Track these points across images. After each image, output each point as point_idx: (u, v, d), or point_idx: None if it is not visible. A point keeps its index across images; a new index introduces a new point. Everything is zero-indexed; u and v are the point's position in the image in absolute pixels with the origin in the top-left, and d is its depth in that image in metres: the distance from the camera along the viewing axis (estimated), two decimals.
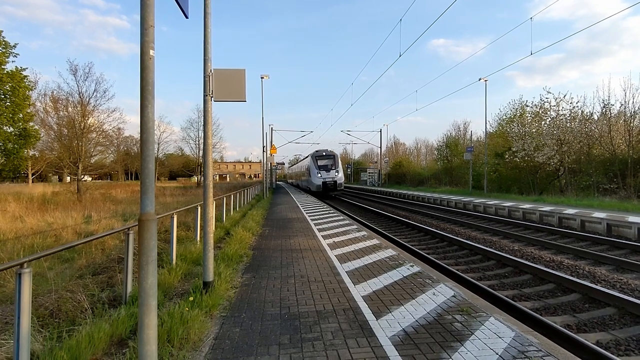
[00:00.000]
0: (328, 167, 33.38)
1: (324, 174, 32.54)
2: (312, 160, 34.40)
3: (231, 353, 3.71)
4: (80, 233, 11.28)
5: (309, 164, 35.26)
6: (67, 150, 26.19)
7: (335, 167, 33.41)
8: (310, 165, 34.40)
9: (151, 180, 3.08)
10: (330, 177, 32.53)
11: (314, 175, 33.02)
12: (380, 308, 4.84)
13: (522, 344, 3.76)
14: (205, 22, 5.56)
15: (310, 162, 34.67)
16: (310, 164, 34.46)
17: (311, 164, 34.29)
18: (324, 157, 34.60)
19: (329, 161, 34.08)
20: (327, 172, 32.82)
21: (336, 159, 34.30)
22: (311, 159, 34.89)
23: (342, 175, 33.62)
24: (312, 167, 33.89)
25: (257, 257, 8.09)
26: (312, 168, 33.87)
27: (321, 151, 35.84)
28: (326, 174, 32.69)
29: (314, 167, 33.54)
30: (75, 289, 5.41)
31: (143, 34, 3.02)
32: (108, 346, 3.88)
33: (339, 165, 34.06)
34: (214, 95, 5.60)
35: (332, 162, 33.87)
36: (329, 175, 32.69)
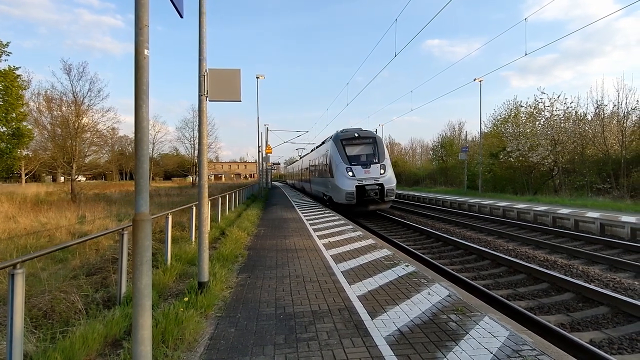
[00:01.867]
0: (366, 159, 18.29)
1: (358, 170, 17.60)
2: (334, 147, 18.92)
3: (226, 353, 3.70)
4: (74, 233, 11.21)
5: (329, 153, 19.79)
6: (61, 150, 25.97)
7: (379, 159, 18.12)
8: (332, 156, 19.04)
9: (145, 180, 3.07)
10: (370, 178, 17.42)
11: (339, 174, 17.90)
12: (376, 308, 4.85)
13: (516, 343, 3.78)
14: (200, 21, 5.54)
15: (331, 149, 19.20)
16: (331, 154, 19.11)
17: (333, 153, 18.93)
18: (358, 141, 19.03)
19: (366, 148, 18.78)
20: (364, 167, 17.79)
21: (378, 145, 18.80)
22: (333, 144, 19.16)
23: (391, 175, 18.12)
24: (334, 160, 18.57)
25: (252, 257, 8.08)
26: (334, 161, 18.54)
27: (351, 131, 19.72)
28: (363, 171, 17.65)
29: (338, 158, 18.26)
30: (69, 290, 5.37)
31: (137, 33, 3.01)
32: (102, 347, 3.86)
33: (384, 155, 18.48)
34: (209, 95, 5.59)
35: (372, 150, 18.61)
36: (369, 175, 17.54)
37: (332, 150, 19.00)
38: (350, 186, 17.00)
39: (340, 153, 18.16)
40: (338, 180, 17.61)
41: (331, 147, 19.30)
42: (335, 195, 18.14)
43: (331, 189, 18.86)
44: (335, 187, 17.96)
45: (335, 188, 17.83)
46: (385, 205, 18.00)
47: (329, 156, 19.38)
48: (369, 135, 19.27)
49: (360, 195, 17.01)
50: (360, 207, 17.44)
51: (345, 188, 16.99)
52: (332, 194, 18.65)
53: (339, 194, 17.31)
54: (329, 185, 19.49)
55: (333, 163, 18.45)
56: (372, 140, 18.96)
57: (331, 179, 18.68)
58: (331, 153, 18.99)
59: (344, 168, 17.54)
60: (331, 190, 18.89)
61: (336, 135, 19.65)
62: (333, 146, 18.97)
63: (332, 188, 18.69)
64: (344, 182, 17.24)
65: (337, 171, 17.85)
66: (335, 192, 17.92)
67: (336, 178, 17.81)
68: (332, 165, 18.51)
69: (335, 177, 17.99)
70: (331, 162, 18.79)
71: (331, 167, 18.75)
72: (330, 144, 19.87)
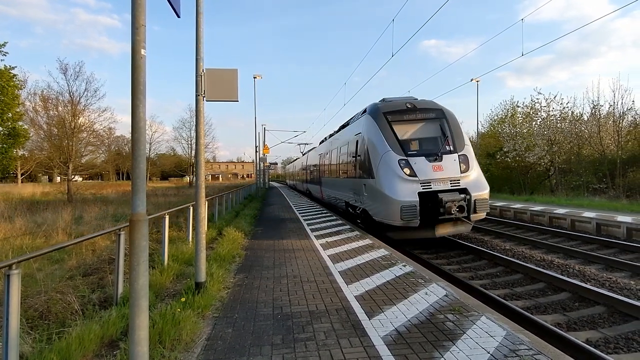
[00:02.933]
0: (432, 147, 10.58)
1: (421, 166, 9.80)
2: (372, 127, 11.05)
3: (223, 354, 3.70)
4: (70, 234, 11.16)
5: (362, 137, 11.85)
6: (57, 150, 25.86)
7: (455, 146, 10.39)
8: (368, 141, 11.19)
9: (142, 180, 3.06)
10: (445, 179, 9.76)
11: (385, 172, 10.01)
12: (373, 308, 4.85)
13: (513, 342, 3.79)
14: (197, 21, 5.53)
15: (367, 130, 11.40)
16: (368, 138, 11.29)
17: (370, 135, 11.11)
18: (414, 116, 11.11)
19: (429, 127, 11.00)
20: (431, 159, 9.96)
21: (450, 123, 10.90)
22: (370, 122, 11.25)
23: (480, 174, 10.65)
24: (374, 147, 10.73)
25: (249, 257, 8.07)
26: (374, 149, 10.70)
27: (398, 101, 11.73)
28: (430, 166, 9.84)
29: (382, 144, 10.39)
30: (66, 290, 5.35)
31: (134, 33, 3.00)
32: (99, 348, 3.85)
33: (463, 140, 10.75)
34: (206, 95, 5.58)
35: (439, 131, 10.86)
36: (442, 173, 9.81)
37: (368, 132, 11.10)
38: (409, 194, 9.29)
39: (385, 136, 10.30)
40: (383, 182, 9.79)
41: (366, 126, 11.33)
42: (376, 209, 10.34)
43: (368, 198, 10.90)
44: (377, 195, 10.13)
45: (378, 197, 10.03)
46: (466, 228, 10.29)
47: (364, 142, 11.34)
48: (431, 106, 11.21)
49: (428, 211, 9.29)
50: (424, 231, 9.76)
51: (400, 197, 9.25)
52: (371, 205, 10.74)
53: (387, 207, 9.59)
54: (362, 190, 11.41)
55: (372, 153, 10.58)
56: (439, 114, 10.91)
57: (368, 180, 10.75)
58: (367, 136, 11.12)
59: (395, 161, 9.73)
60: (368, 200, 10.95)
61: (374, 107, 11.45)
62: (370, 125, 11.01)
63: (369, 196, 10.78)
64: (395, 186, 9.51)
65: (382, 167, 9.98)
66: (378, 203, 10.17)
67: (379, 179, 9.98)
68: (371, 156, 10.61)
69: (377, 177, 10.08)
70: (367, 152, 10.87)
71: (368, 160, 10.81)
72: (363, 122, 11.80)
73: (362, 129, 11.89)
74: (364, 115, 12.22)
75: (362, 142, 11.62)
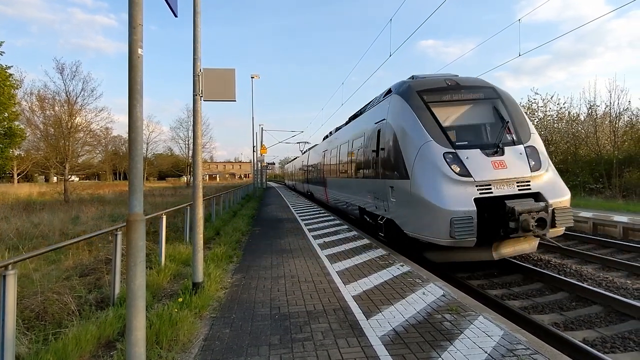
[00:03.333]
0: (488, 135, 7.71)
1: (476, 160, 6.95)
2: (405, 110, 8.02)
3: (221, 354, 3.69)
4: (67, 234, 11.12)
5: (388, 123, 8.70)
6: (54, 149, 25.75)
7: (519, 135, 7.49)
8: (400, 129, 8.09)
9: (139, 180, 3.05)
10: (510, 180, 6.91)
11: (426, 170, 7.15)
12: (371, 308, 4.85)
13: (510, 342, 3.80)
14: (195, 21, 5.52)
15: (398, 114, 8.35)
16: (399, 124, 8.18)
17: (403, 120, 8.04)
18: (457, 96, 8.11)
19: (480, 111, 8.03)
20: (487, 152, 7.11)
21: (507, 105, 7.99)
22: (401, 103, 8.27)
23: (554, 175, 7.44)
24: (408, 136, 7.76)
25: (247, 257, 8.06)
26: (408, 138, 7.73)
27: (434, 78, 8.82)
28: (487, 162, 6.96)
29: (420, 132, 7.45)
30: (62, 291, 5.33)
31: (131, 32, 2.99)
32: (95, 348, 3.83)
33: (527, 127, 7.78)
34: (203, 94, 5.57)
35: (496, 116, 7.83)
36: (506, 172, 6.91)
37: (397, 117, 8.41)
38: (462, 201, 6.71)
39: (423, 121, 7.61)
40: (423, 184, 7.19)
41: (394, 110, 8.64)
42: (411, 221, 7.66)
43: (397, 205, 8.18)
44: (412, 202, 7.46)
45: (414, 204, 7.37)
46: (532, 246, 7.75)
47: (390, 132, 8.57)
48: (479, 84, 8.60)
49: (490, 224, 6.72)
50: (479, 252, 7.20)
51: (449, 206, 6.65)
52: (402, 215, 8.05)
53: (428, 218, 7.03)
54: (387, 195, 8.67)
55: (404, 144, 7.89)
56: (490, 94, 8.29)
57: (397, 181, 8.07)
58: (395, 123, 8.39)
59: (440, 155, 7.14)
60: (396, 208, 8.22)
61: (404, 85, 8.70)
62: (400, 108, 8.33)
63: (399, 203, 8.07)
64: (441, 189, 6.88)
65: (420, 163, 7.34)
66: (413, 213, 7.52)
67: (416, 179, 7.36)
68: (402, 149, 7.89)
69: (413, 176, 7.42)
70: (396, 144, 8.14)
71: (397, 154, 8.08)
72: (389, 105, 9.03)
73: (386, 115, 8.87)
74: (389, 97, 9.22)
75: (387, 132, 8.58)
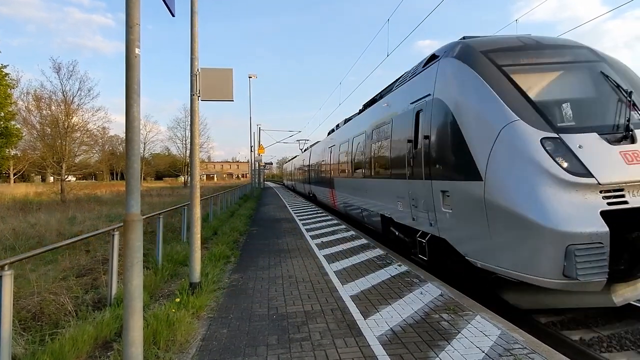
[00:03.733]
0: (606, 113, 4.88)
1: (595, 150, 4.43)
2: (461, 78, 5.58)
3: (218, 354, 3.68)
4: (63, 234, 11.07)
5: (435, 100, 6.06)
6: (51, 149, 25.65)
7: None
8: (454, 105, 5.52)
9: (137, 180, 3.05)
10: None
11: (511, 164, 4.58)
12: (368, 307, 4.85)
13: (507, 341, 3.81)
14: (192, 21, 5.51)
15: (452, 85, 5.77)
16: (456, 97, 5.57)
17: (462, 92, 5.48)
18: (543, 58, 5.59)
19: (583, 77, 5.40)
20: (612, 138, 4.53)
21: (617, 69, 5.46)
22: (456, 69, 5.75)
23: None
24: (472, 111, 5.25)
25: (244, 257, 8.05)
26: (474, 115, 5.22)
27: (505, 37, 6.51)
28: (614, 155, 4.41)
29: (496, 105, 4.91)
30: (59, 291, 5.31)
31: (128, 32, 2.99)
32: (92, 349, 3.82)
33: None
34: (201, 94, 5.56)
35: (604, 81, 5.16)
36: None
37: (454, 89, 5.81)
38: (583, 217, 4.11)
39: (499, 92, 5.07)
40: (510, 188, 4.60)
41: (449, 79, 6.02)
42: (486, 246, 4.99)
43: (456, 218, 5.60)
44: (490, 216, 4.77)
45: (495, 218, 4.72)
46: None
47: (442, 111, 5.94)
48: (568, 44, 6.12)
49: (624, 252, 4.24)
50: (596, 294, 4.47)
51: (563, 225, 4.05)
52: (468, 236, 5.42)
53: (523, 245, 4.43)
54: (435, 202, 6.09)
55: (469, 127, 5.31)
56: (588, 56, 5.79)
57: (459, 183, 5.45)
58: (452, 98, 5.77)
59: (536, 142, 4.55)
60: (457, 223, 5.61)
61: (462, 46, 6.01)
62: (460, 76, 5.75)
63: (461, 215, 5.48)
64: (547, 196, 4.27)
65: (502, 154, 4.75)
66: (494, 233, 4.78)
67: (496, 179, 4.76)
68: (466, 134, 5.29)
69: (491, 175, 4.79)
70: (455, 128, 5.51)
71: (456, 142, 5.51)
72: (439, 73, 6.30)
73: (432, 89, 6.27)
74: (434, 64, 6.50)
75: (436, 113, 6.04)
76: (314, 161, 22.60)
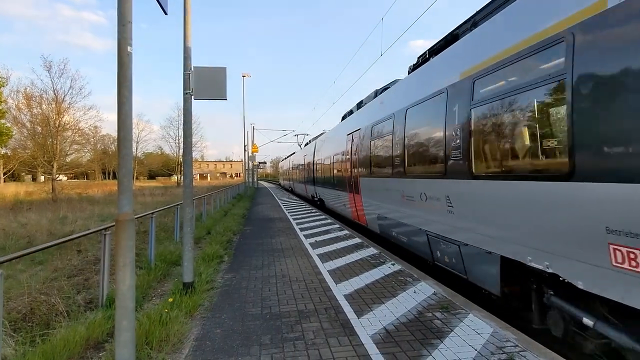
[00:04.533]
0: None
1: None
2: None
3: (212, 354, 3.67)
4: (55, 234, 10.95)
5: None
6: (41, 148, 25.41)
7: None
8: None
9: (129, 179, 3.02)
10: None
11: None
12: (362, 307, 4.86)
13: (500, 340, 3.84)
14: (185, 19, 5.47)
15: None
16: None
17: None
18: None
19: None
20: None
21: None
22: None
23: None
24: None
25: (238, 256, 8.02)
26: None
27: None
28: None
29: None
30: (50, 292, 5.26)
31: (120, 30, 2.96)
32: (84, 350, 3.79)
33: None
34: (194, 93, 5.53)
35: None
36: None
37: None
38: None
39: None
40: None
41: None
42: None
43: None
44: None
45: None
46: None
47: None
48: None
49: None
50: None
51: None
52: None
53: None
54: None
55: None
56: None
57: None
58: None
59: None
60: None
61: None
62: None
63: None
64: None
65: None
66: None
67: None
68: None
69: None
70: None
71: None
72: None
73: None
74: None
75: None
76: (323, 156, 17.35)
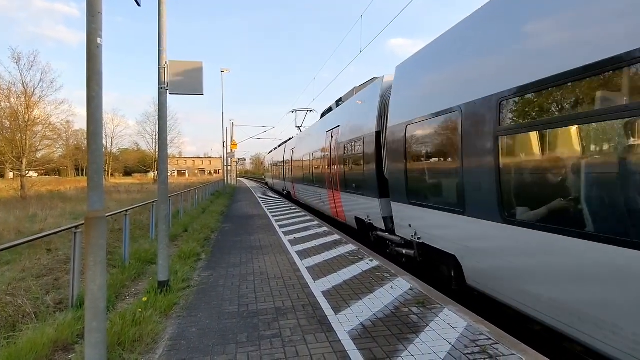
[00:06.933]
0: None
1: None
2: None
3: (187, 354, 3.61)
4: (23, 232, 10.57)
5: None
6: (10, 144, 24.44)
7: None
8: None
9: (100, 175, 2.93)
10: None
11: None
12: (340, 303, 4.88)
13: (473, 333, 3.92)
14: (160, 11, 5.35)
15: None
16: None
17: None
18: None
19: None
20: None
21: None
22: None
23: None
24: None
25: (216, 254, 7.92)
26: None
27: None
28: None
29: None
30: (16, 293, 5.07)
31: (90, 20, 2.86)
32: (52, 352, 3.66)
33: None
34: (169, 87, 5.41)
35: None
36: None
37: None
38: None
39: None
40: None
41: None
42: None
43: None
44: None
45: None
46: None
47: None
48: None
49: None
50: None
51: None
52: None
53: None
54: None
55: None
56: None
57: None
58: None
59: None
60: None
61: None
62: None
63: None
64: None
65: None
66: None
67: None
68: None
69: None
70: None
71: None
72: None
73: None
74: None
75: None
76: (327, 149, 12.23)
